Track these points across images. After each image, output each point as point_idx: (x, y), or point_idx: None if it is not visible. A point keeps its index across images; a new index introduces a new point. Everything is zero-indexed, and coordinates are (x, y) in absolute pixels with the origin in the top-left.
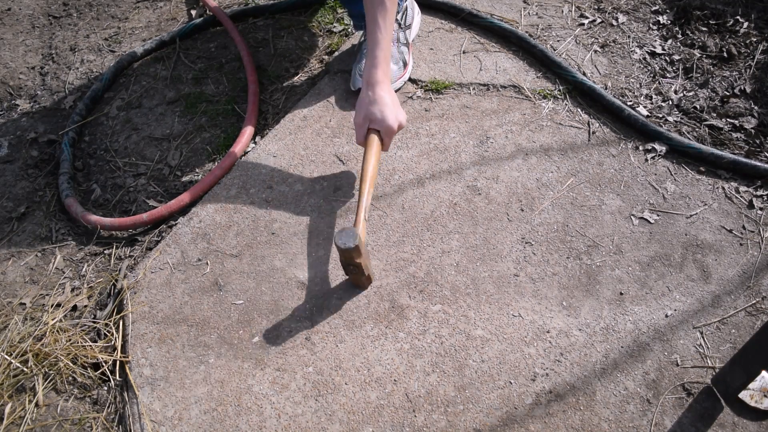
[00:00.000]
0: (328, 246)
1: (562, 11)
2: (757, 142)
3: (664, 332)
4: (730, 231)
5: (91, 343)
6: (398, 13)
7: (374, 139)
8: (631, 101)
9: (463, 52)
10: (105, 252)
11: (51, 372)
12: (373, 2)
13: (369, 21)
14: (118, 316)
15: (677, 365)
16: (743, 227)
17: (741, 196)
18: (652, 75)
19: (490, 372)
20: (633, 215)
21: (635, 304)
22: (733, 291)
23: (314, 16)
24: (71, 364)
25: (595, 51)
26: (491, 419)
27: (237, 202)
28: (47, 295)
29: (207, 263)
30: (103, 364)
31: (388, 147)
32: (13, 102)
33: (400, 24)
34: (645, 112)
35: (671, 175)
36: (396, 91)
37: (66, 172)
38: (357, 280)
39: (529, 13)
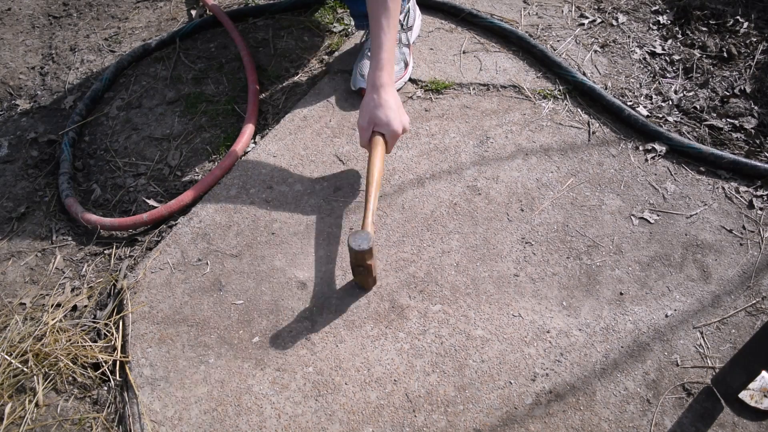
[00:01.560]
0: (329, 246)
1: (562, 11)
2: (757, 142)
3: (664, 332)
4: (730, 231)
5: (91, 343)
6: (401, 14)
7: (379, 141)
8: (631, 101)
9: (463, 52)
10: (105, 252)
11: (51, 372)
12: (377, 4)
13: (373, 23)
14: (118, 316)
15: (677, 365)
16: (743, 227)
17: (741, 196)
18: (652, 75)
19: (490, 372)
20: (633, 215)
21: (635, 304)
22: (733, 291)
23: (314, 16)
24: (71, 364)
25: (595, 51)
26: (491, 419)
27: (237, 202)
28: (47, 295)
29: (207, 263)
30: (103, 364)
31: (391, 149)
32: (13, 102)
33: (402, 25)
34: (645, 112)
35: (671, 175)
36: (396, 91)
37: (66, 172)
38: (363, 281)
39: (529, 13)
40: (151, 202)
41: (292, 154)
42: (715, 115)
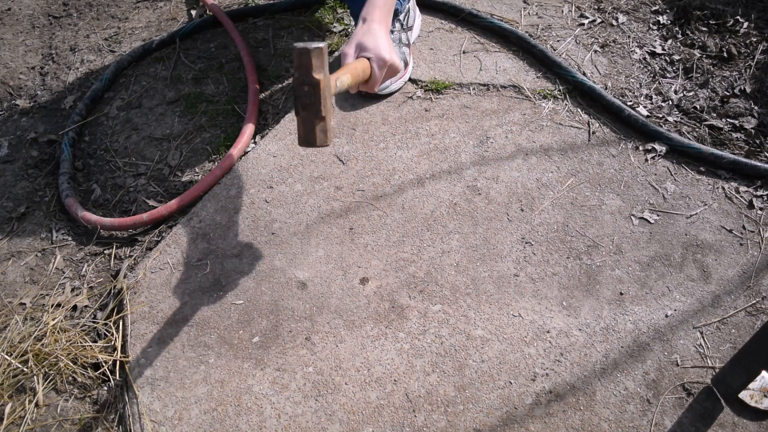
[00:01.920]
0: (329, 246)
1: (562, 11)
2: (757, 142)
3: (664, 332)
4: (730, 231)
5: (91, 343)
6: (401, 13)
7: (363, 61)
8: (631, 101)
9: (463, 52)
10: (105, 252)
11: (51, 372)
12: None
13: None
14: (118, 316)
15: (677, 365)
16: (743, 227)
17: (741, 196)
18: (652, 75)
19: (490, 372)
20: (633, 215)
21: (635, 304)
22: (733, 291)
23: (314, 16)
24: (71, 364)
25: (595, 51)
26: (491, 419)
27: (237, 202)
28: (47, 295)
29: (207, 263)
30: (103, 364)
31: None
32: (13, 102)
33: (402, 25)
34: (645, 112)
35: (671, 175)
36: (396, 92)
37: (66, 172)
38: (308, 123)
39: (529, 13)
40: (151, 202)
41: (292, 154)
42: (715, 115)
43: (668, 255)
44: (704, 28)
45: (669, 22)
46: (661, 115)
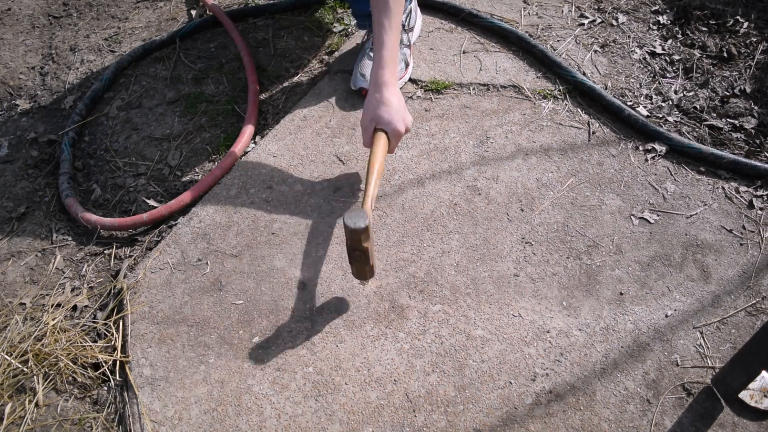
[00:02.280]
0: (329, 246)
1: (562, 11)
2: (757, 142)
3: (664, 332)
4: (730, 231)
5: (91, 343)
6: (403, 14)
7: (382, 137)
8: (631, 101)
9: (463, 52)
10: (105, 252)
11: (51, 372)
12: (378, 4)
13: (375, 23)
14: (118, 316)
15: (677, 365)
16: (743, 227)
17: (741, 196)
18: (652, 75)
19: (490, 372)
20: (633, 215)
21: (635, 304)
22: (733, 291)
23: (314, 16)
24: (71, 364)
25: (595, 51)
26: (491, 419)
27: (237, 202)
28: (47, 295)
29: (207, 263)
30: (103, 364)
31: (394, 149)
32: (13, 102)
33: (404, 26)
34: (645, 112)
35: (671, 175)
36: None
37: (66, 172)
38: (360, 269)
39: (529, 13)
40: (151, 202)
41: (292, 154)
42: (715, 115)
43: (668, 255)
44: (704, 28)
45: (669, 22)
46: (661, 115)
